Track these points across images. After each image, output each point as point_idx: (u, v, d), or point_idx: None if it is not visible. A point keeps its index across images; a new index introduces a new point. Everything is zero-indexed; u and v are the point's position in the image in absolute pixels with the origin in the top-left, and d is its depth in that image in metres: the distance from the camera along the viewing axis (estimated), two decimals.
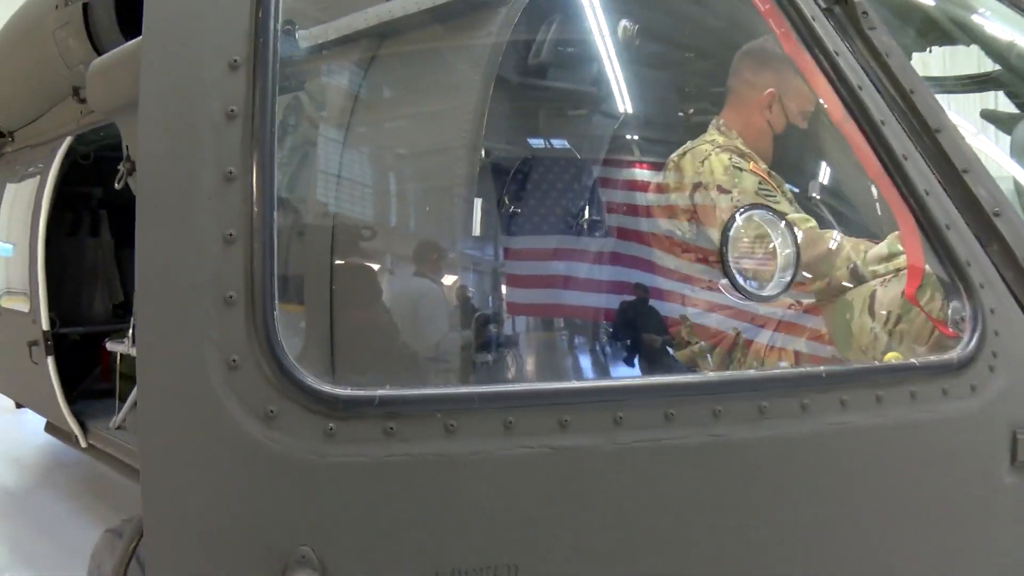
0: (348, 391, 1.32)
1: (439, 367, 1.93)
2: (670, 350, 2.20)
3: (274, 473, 1.28)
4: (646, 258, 2.24)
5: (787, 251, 1.89)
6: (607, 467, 1.40)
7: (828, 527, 1.58)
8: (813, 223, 2.04)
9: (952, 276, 1.74)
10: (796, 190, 2.30)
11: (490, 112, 2.03)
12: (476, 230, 2.10)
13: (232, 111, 1.33)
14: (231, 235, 1.30)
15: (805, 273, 1.98)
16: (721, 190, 2.06)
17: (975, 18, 2.78)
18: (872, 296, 1.87)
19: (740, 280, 1.91)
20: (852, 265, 1.93)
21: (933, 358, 1.66)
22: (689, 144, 2.23)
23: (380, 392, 1.32)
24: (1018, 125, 2.72)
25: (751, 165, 2.09)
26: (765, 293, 1.91)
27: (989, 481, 1.67)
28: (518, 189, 2.25)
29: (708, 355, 2.13)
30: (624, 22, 2.37)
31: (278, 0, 1.38)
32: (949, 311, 1.73)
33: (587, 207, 2.32)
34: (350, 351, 1.72)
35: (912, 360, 1.65)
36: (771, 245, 1.90)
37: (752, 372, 1.82)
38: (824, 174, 2.42)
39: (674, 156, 2.22)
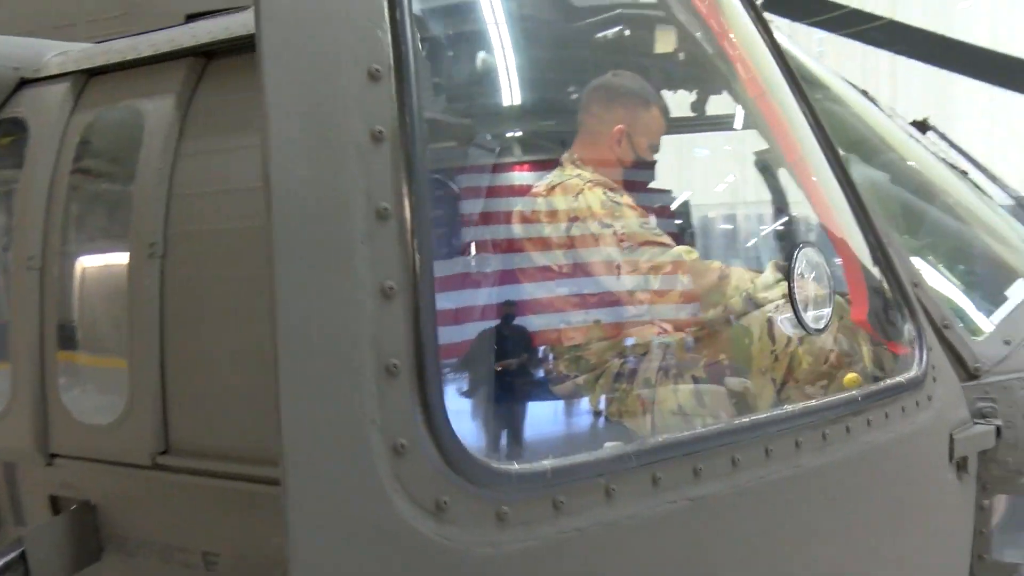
0: (518, 467, 1.14)
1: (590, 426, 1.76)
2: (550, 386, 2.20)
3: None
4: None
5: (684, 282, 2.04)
6: (732, 511, 1.39)
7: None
8: (696, 254, 2.13)
9: (900, 300, 1.96)
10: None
11: None
12: None
13: (379, 132, 1.07)
14: (391, 288, 1.05)
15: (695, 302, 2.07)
16: (603, 223, 2.07)
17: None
18: (770, 322, 2.00)
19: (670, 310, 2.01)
20: (745, 293, 2.04)
21: (908, 376, 1.86)
22: (554, 178, 2.20)
23: (550, 464, 1.17)
24: None
25: (625, 199, 2.14)
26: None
27: (939, 480, 1.93)
28: None
29: (593, 386, 2.16)
30: (482, 54, 2.27)
31: None
32: (904, 331, 1.95)
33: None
34: (512, 420, 1.49)
35: (899, 379, 1.84)
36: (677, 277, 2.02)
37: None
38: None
39: (540, 189, 2.18)
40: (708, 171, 3.29)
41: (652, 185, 2.54)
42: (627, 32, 2.69)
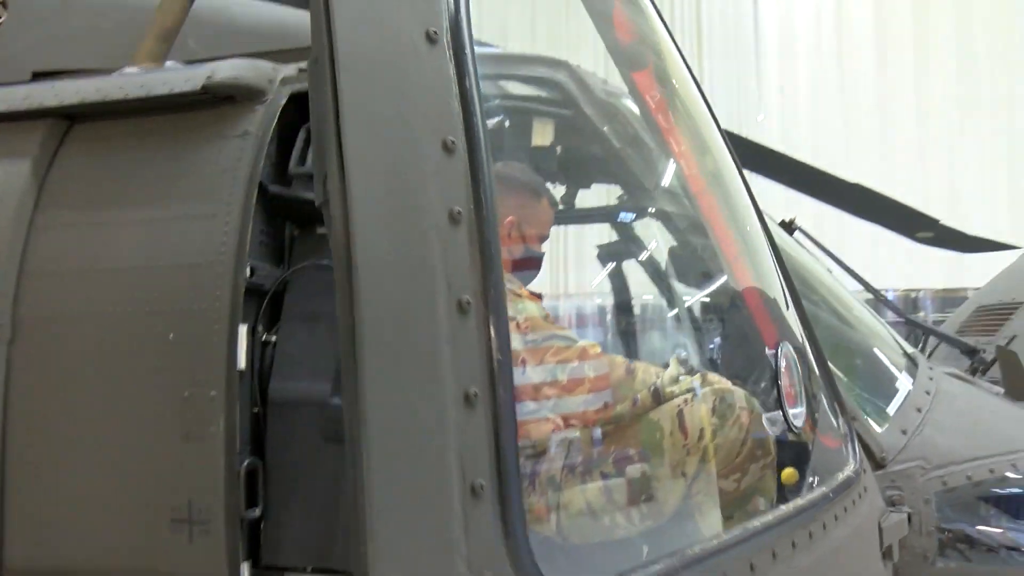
0: None
1: None
2: None
3: None
4: None
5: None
6: None
7: None
8: (599, 348, 2.12)
9: (831, 393, 2.03)
10: None
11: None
12: None
13: (457, 213, 0.93)
14: (473, 394, 0.90)
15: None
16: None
17: None
18: (680, 415, 2.00)
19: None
20: (653, 387, 2.05)
21: (853, 468, 1.91)
22: None
23: None
24: None
25: (523, 290, 2.13)
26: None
27: (876, 572, 1.98)
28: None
29: None
30: None
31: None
32: (838, 423, 2.01)
33: None
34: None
35: (850, 472, 1.88)
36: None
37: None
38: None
39: None
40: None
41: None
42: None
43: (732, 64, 10.72)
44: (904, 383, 2.42)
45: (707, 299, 2.45)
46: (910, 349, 2.67)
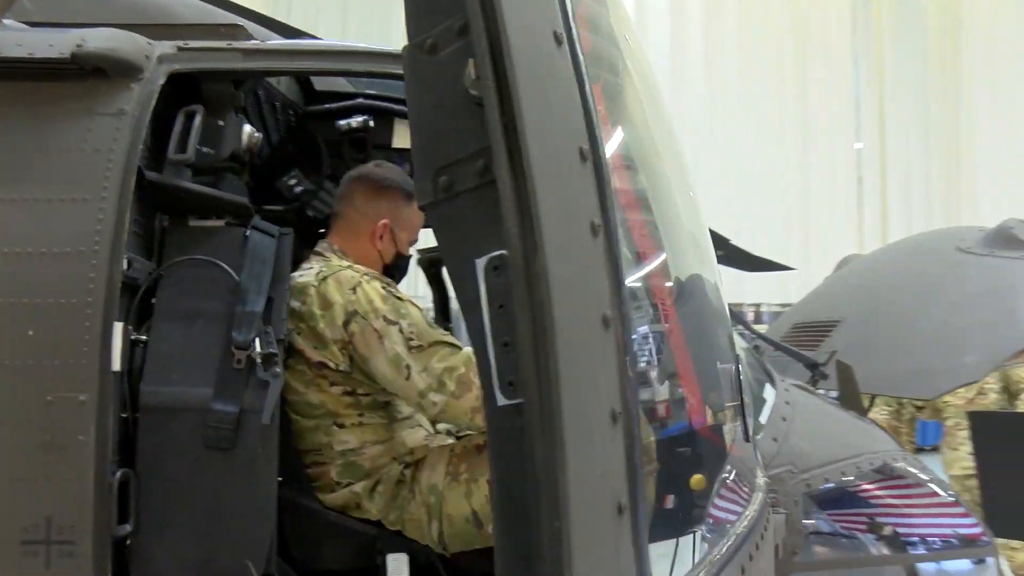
0: None
1: None
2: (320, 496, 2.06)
3: None
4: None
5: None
6: None
7: None
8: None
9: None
10: None
11: None
12: None
13: (596, 225, 0.90)
14: (618, 412, 0.88)
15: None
16: (388, 320, 1.99)
17: None
18: None
19: None
20: None
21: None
22: (322, 270, 2.09)
23: None
24: None
25: (406, 295, 2.13)
26: None
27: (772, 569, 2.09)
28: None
29: (371, 494, 2.06)
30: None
31: None
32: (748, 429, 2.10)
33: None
34: None
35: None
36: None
37: None
38: None
39: (311, 281, 2.05)
40: None
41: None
42: None
43: None
44: (769, 394, 2.60)
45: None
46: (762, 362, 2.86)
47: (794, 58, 11.16)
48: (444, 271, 3.51)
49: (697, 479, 1.70)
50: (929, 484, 2.39)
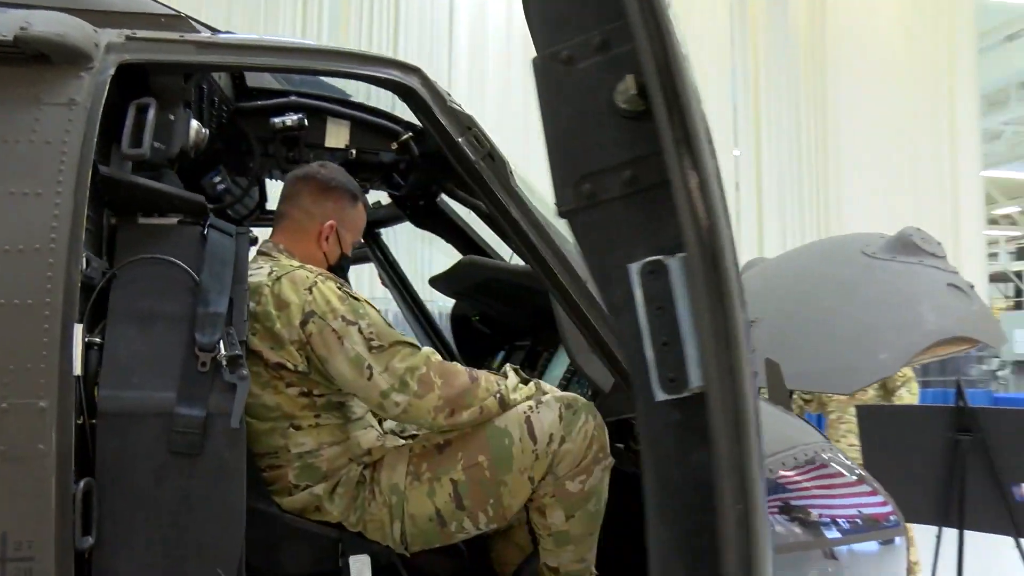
0: None
1: None
2: (277, 500, 2.03)
3: None
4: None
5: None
6: None
7: None
8: (438, 356, 2.11)
9: None
10: None
11: None
12: None
13: None
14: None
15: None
16: (346, 320, 1.97)
17: None
18: (528, 422, 2.05)
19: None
20: (499, 395, 2.07)
21: None
22: (273, 269, 2.05)
23: None
24: None
25: (358, 294, 2.14)
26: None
27: None
28: None
29: (331, 496, 2.04)
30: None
31: None
32: None
33: None
34: None
35: None
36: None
37: None
38: None
39: (264, 281, 2.00)
40: None
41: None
42: None
43: (426, 64, 11.01)
44: None
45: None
46: None
47: None
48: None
49: None
50: (853, 473, 2.56)
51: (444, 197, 3.18)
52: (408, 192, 3.05)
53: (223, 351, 1.74)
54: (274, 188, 2.81)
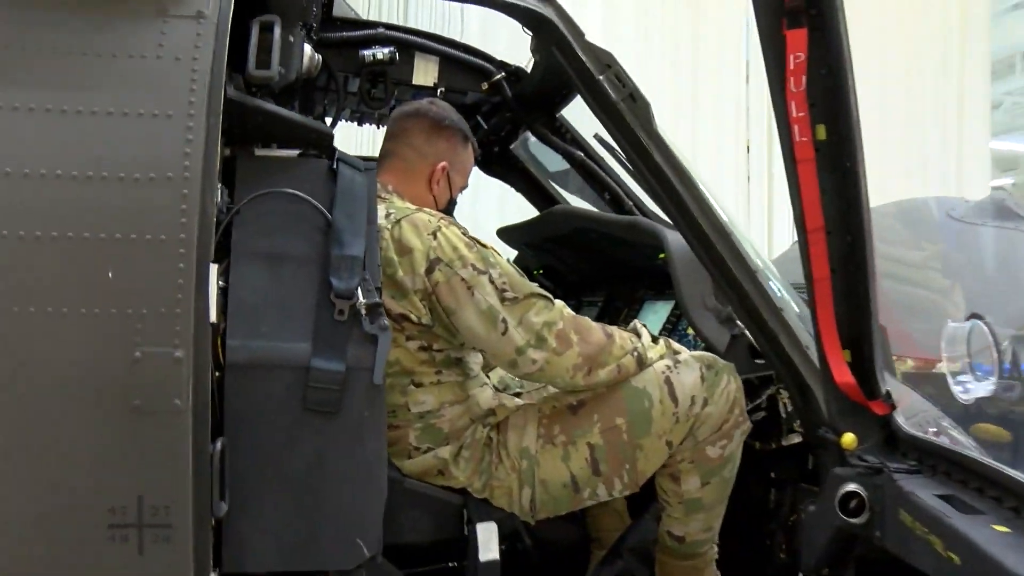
0: None
1: None
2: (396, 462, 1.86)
3: None
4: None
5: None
6: None
7: None
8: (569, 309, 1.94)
9: None
10: None
11: None
12: None
13: None
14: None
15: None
16: (476, 269, 1.80)
17: None
18: (668, 382, 1.91)
19: None
20: (636, 353, 1.92)
21: None
22: (390, 211, 1.85)
23: None
24: None
25: (489, 245, 1.96)
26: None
27: None
28: None
29: (456, 459, 1.88)
30: None
31: None
32: None
33: None
34: None
35: None
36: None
37: None
38: None
39: (383, 224, 1.80)
40: None
41: None
42: None
43: None
44: None
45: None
46: None
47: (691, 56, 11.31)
48: None
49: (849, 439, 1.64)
50: None
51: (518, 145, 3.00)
52: (484, 136, 2.85)
53: (361, 298, 1.57)
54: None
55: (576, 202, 3.07)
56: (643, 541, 2.28)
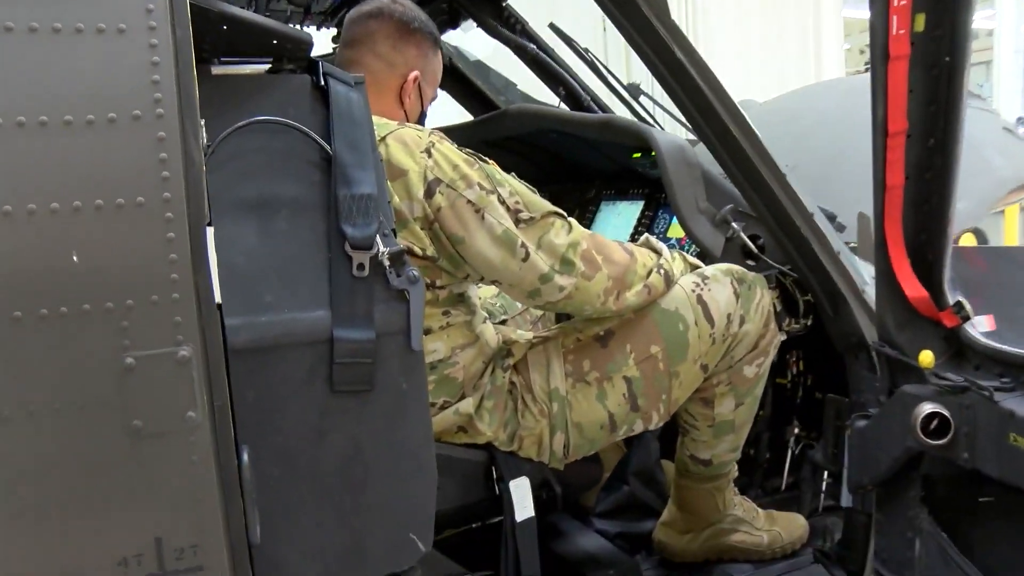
0: None
1: None
2: None
3: None
4: None
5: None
6: None
7: None
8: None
9: None
10: None
11: None
12: None
13: None
14: None
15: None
16: (483, 188, 1.52)
17: None
18: (701, 301, 1.72)
19: None
20: (662, 271, 1.71)
21: None
22: (376, 127, 1.46)
23: None
24: None
25: (476, 156, 1.63)
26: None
27: None
28: None
29: (479, 412, 1.65)
30: None
31: None
32: None
33: None
34: None
35: None
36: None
37: None
38: None
39: None
40: None
41: None
42: None
43: None
44: None
45: None
46: None
47: None
48: None
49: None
50: None
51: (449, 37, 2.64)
52: None
53: (382, 247, 1.26)
54: None
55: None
56: (647, 464, 2.17)
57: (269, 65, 1.34)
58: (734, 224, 1.96)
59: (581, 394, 1.68)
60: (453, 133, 2.85)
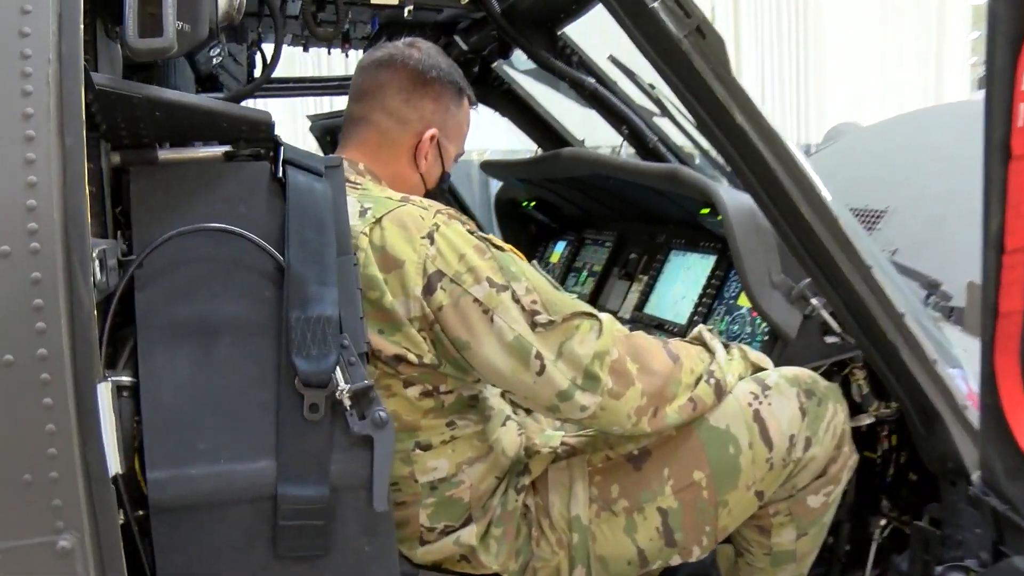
0: None
1: None
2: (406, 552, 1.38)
3: None
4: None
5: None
6: None
7: None
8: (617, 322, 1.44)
9: None
10: None
11: None
12: None
13: None
14: None
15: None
16: (494, 284, 1.27)
17: None
18: (759, 418, 1.43)
19: None
20: (713, 378, 1.42)
21: None
22: (365, 206, 1.30)
23: None
24: None
25: (505, 244, 1.38)
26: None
27: None
28: None
29: (484, 541, 1.41)
30: None
31: None
32: None
33: None
34: None
35: None
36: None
37: None
38: None
39: (357, 226, 1.26)
40: None
41: None
42: None
43: None
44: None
45: None
46: None
47: None
48: None
49: None
50: None
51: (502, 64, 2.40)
52: (461, 55, 2.24)
53: (342, 382, 1.03)
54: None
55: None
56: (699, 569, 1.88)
57: (227, 148, 1.13)
58: (813, 301, 1.66)
59: (606, 525, 1.41)
60: (510, 167, 2.65)
